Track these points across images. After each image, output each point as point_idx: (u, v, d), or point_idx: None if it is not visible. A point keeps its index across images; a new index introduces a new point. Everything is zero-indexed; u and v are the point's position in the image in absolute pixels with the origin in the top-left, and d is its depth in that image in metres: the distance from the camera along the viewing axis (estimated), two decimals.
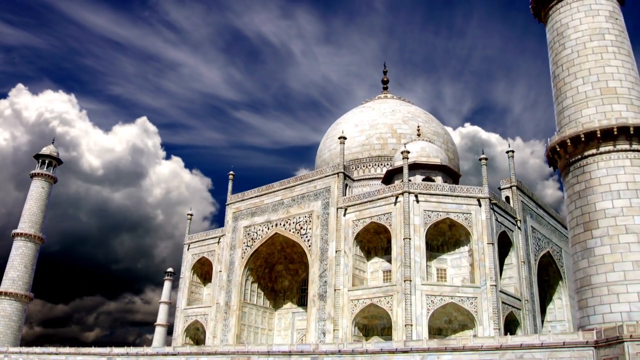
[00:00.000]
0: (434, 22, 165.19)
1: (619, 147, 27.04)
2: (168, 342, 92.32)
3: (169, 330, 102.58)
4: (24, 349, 55.41)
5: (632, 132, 26.71)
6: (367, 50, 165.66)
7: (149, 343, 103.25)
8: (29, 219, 69.02)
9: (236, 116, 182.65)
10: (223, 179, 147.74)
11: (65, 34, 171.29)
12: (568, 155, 28.69)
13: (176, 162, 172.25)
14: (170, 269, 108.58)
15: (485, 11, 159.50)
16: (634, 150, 26.93)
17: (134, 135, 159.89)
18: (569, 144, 28.17)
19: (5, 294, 65.03)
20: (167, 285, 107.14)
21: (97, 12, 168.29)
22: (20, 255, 67.13)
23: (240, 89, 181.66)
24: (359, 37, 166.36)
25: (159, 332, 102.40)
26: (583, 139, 27.55)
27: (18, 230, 68.33)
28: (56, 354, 50.05)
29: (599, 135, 27.12)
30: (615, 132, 26.86)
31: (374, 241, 44.39)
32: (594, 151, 27.52)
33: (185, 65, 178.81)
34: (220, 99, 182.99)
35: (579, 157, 28.09)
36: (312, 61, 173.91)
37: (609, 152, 27.19)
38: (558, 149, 29.02)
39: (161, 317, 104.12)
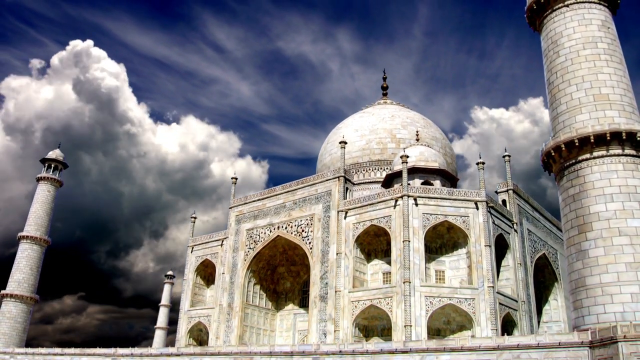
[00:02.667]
0: (467, 46, 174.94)
1: (611, 151, 27.67)
2: (168, 345, 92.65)
3: (169, 333, 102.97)
4: (30, 350, 56.04)
5: (624, 137, 27.39)
6: (401, 70, 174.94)
7: None
8: (35, 222, 69.59)
9: (266, 129, 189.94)
10: (250, 186, 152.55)
11: (114, 54, 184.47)
12: (562, 159, 29.30)
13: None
14: (170, 272, 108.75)
15: (515, 36, 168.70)
16: (626, 155, 27.58)
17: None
18: (564, 148, 28.82)
19: (11, 295, 65.61)
20: (167, 288, 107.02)
21: (147, 34, 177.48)
22: (26, 258, 67.71)
23: (272, 104, 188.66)
24: (394, 57, 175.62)
25: (159, 335, 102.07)
26: (577, 144, 28.17)
27: (24, 233, 68.96)
28: (61, 354, 50.60)
29: (592, 141, 27.76)
30: (608, 137, 27.51)
31: (374, 243, 45.01)
32: (587, 156, 28.14)
33: (221, 81, 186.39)
34: (252, 114, 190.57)
35: (573, 161, 28.69)
36: (347, 78, 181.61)
37: (602, 156, 27.79)
38: (553, 154, 29.63)
39: (161, 320, 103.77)
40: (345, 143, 50.01)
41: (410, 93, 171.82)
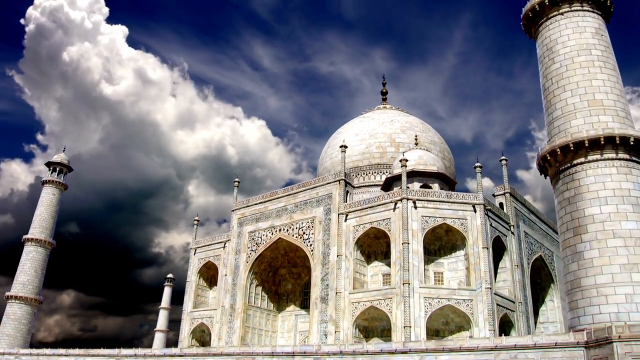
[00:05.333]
0: (497, 67, 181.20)
1: (605, 155, 28.22)
2: (168, 347, 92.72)
3: (169, 336, 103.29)
4: (34, 351, 56.44)
5: (618, 141, 27.94)
6: (431, 87, 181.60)
7: None
8: (40, 225, 69.88)
9: (293, 140, 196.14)
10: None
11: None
12: (558, 163, 29.85)
13: None
14: (170, 275, 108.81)
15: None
16: (620, 159, 28.13)
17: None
18: (559, 153, 29.37)
19: (16, 297, 65.82)
20: (167, 291, 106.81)
21: (189, 52, 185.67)
22: (31, 260, 67.92)
23: (302, 117, 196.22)
24: (425, 76, 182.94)
25: (159, 338, 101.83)
26: (572, 148, 28.75)
27: (29, 236, 69.19)
28: (66, 355, 50.99)
29: (587, 145, 28.32)
30: (602, 142, 28.07)
31: (374, 246, 45.56)
32: (582, 160, 28.68)
33: (253, 94, 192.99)
34: (282, 125, 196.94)
35: (569, 165, 29.23)
36: (377, 94, 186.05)
37: (596, 160, 28.35)
38: (549, 158, 30.19)
39: (161, 323, 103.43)
40: (346, 147, 50.60)
41: (437, 107, 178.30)
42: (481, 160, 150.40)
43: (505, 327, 41.41)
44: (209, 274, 57.67)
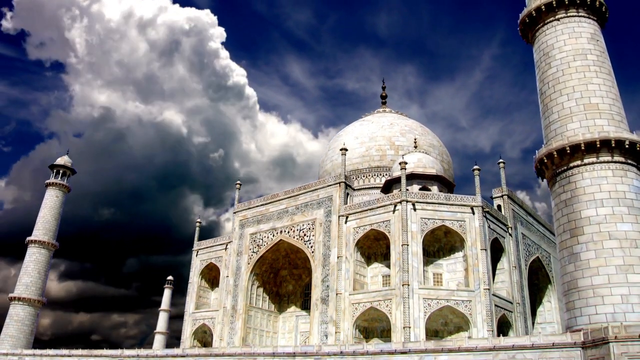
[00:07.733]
0: (521, 82, 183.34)
1: (601, 158, 28.72)
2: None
3: (169, 338, 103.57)
4: (38, 352, 56.73)
5: (613, 145, 28.46)
6: (456, 102, 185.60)
7: None
8: (43, 227, 70.45)
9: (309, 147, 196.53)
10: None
11: None
12: (555, 166, 30.32)
13: None
14: (170, 277, 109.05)
15: None
16: (615, 162, 28.62)
17: None
18: (556, 155, 29.86)
19: (19, 299, 66.31)
20: (167, 293, 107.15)
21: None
22: (34, 262, 68.46)
23: (325, 125, 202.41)
24: (451, 91, 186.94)
25: (159, 340, 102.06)
26: (568, 151, 29.21)
27: (32, 238, 69.72)
28: (69, 355, 51.36)
29: (583, 148, 28.80)
30: (598, 145, 28.56)
31: (374, 247, 45.96)
32: (578, 162, 29.15)
33: (280, 106, 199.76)
34: (303, 132, 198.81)
35: (565, 168, 29.71)
36: (402, 108, 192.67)
37: (592, 163, 28.81)
38: (545, 161, 30.65)
39: (161, 325, 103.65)
40: (346, 150, 51.01)
41: (460, 118, 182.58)
42: (497, 168, 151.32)
43: (503, 327, 41.77)
44: (211, 275, 58.05)
